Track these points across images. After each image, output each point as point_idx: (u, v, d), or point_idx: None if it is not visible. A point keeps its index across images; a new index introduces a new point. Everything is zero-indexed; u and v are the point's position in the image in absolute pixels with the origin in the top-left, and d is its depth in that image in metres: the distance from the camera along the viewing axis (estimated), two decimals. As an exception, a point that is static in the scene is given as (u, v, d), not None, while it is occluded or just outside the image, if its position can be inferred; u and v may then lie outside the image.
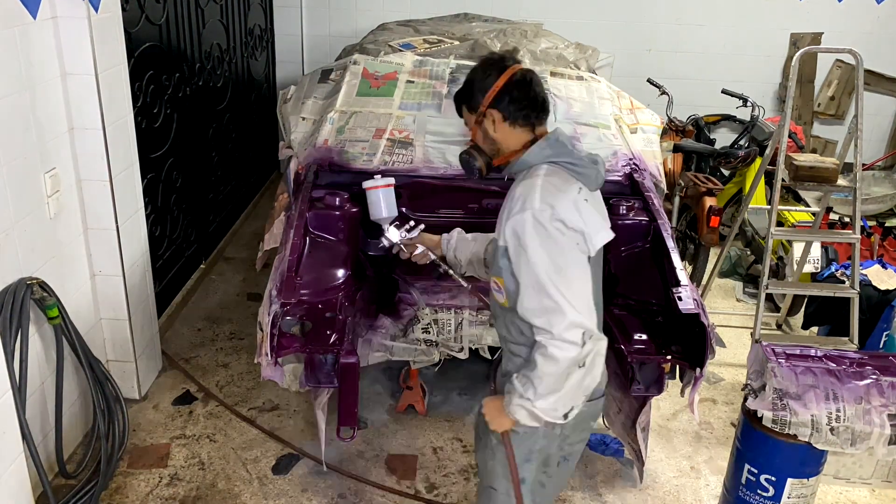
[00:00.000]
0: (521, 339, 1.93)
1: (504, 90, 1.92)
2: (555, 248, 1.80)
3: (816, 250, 4.08)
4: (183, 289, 4.31)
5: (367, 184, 2.58)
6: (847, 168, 3.81)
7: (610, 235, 1.95)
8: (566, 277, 1.79)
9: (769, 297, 4.42)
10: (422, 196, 3.25)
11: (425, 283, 3.15)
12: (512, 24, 4.86)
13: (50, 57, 2.75)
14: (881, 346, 3.71)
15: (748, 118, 4.87)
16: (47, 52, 2.73)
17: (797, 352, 2.63)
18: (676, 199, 4.56)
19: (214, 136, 4.74)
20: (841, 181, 3.63)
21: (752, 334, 3.77)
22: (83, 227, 3.06)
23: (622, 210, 3.02)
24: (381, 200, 2.54)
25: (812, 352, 2.63)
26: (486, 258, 2.29)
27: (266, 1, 5.88)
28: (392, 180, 2.61)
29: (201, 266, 4.61)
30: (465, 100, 2.00)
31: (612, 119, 3.55)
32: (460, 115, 2.05)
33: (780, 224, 4.21)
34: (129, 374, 3.36)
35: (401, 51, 4.13)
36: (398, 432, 3.33)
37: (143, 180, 3.42)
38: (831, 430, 2.45)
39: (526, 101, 1.93)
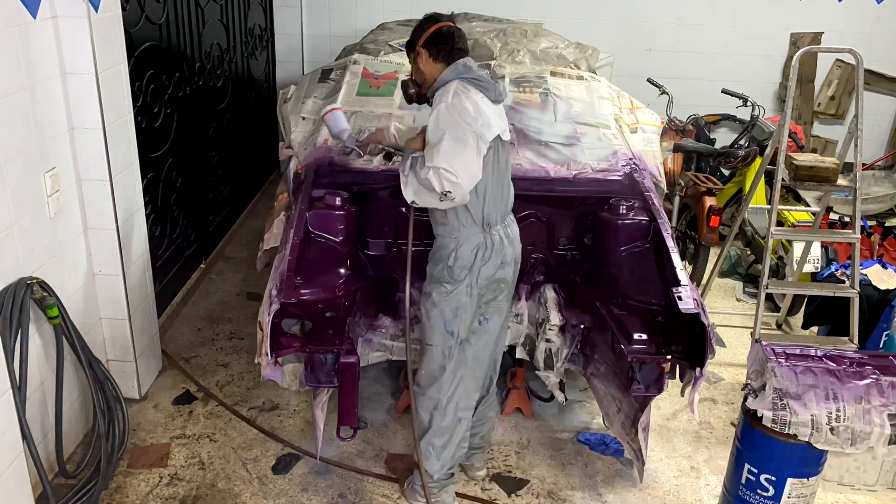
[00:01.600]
0: (441, 220, 2.64)
1: (432, 35, 2.60)
2: (455, 124, 2.45)
3: (816, 250, 4.08)
4: (183, 288, 4.31)
5: (324, 111, 2.97)
6: (847, 168, 3.81)
7: (501, 129, 2.57)
8: (457, 144, 2.43)
9: (769, 297, 4.42)
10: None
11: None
12: (512, 24, 4.86)
13: (50, 56, 2.75)
14: (881, 345, 3.71)
15: (748, 118, 4.87)
16: (47, 51, 2.73)
17: (797, 351, 2.62)
18: (676, 199, 4.56)
19: (214, 136, 4.74)
20: (841, 181, 3.63)
21: (752, 334, 3.77)
22: (83, 226, 3.06)
23: (622, 210, 3.02)
24: (340, 120, 2.96)
25: (812, 352, 2.63)
26: None
27: (266, 0, 5.88)
28: (339, 105, 3.11)
29: (201, 266, 4.61)
30: (408, 45, 2.68)
31: (613, 118, 3.55)
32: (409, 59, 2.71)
33: (780, 224, 4.21)
34: (129, 373, 3.36)
35: (401, 50, 4.13)
36: (398, 432, 3.33)
37: (143, 180, 3.42)
38: (831, 429, 2.45)
39: (445, 44, 2.59)
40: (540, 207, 3.23)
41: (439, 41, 2.60)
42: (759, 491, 2.61)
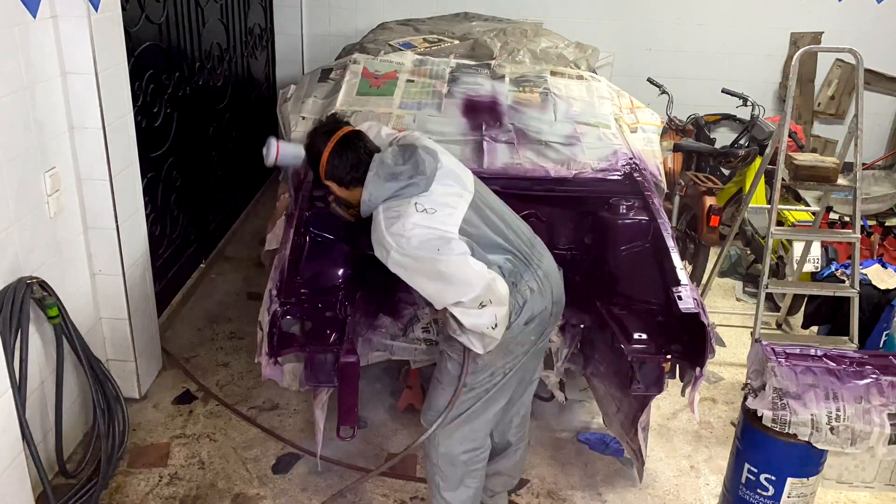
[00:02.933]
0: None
1: (329, 163, 2.28)
2: (428, 265, 2.12)
3: (816, 250, 4.08)
4: (183, 288, 4.31)
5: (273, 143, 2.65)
6: (847, 167, 3.81)
7: (465, 194, 2.26)
8: (447, 276, 2.11)
9: (769, 297, 4.42)
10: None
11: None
12: (512, 24, 4.86)
13: (50, 56, 2.74)
14: (881, 345, 3.71)
15: (748, 117, 4.87)
16: (47, 51, 2.73)
17: (797, 351, 2.62)
18: (676, 199, 4.56)
19: (214, 136, 4.74)
20: (841, 180, 3.63)
21: (751, 334, 3.77)
22: (83, 226, 3.06)
23: (622, 209, 3.02)
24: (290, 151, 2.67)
25: (812, 351, 2.63)
26: None
27: (266, 0, 5.88)
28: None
29: (201, 265, 4.61)
30: (313, 171, 2.35)
31: (613, 118, 3.55)
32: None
33: (780, 223, 4.21)
34: (129, 373, 3.36)
35: (401, 50, 4.13)
36: (398, 432, 3.33)
37: (143, 180, 3.42)
38: (831, 429, 2.45)
39: (350, 167, 2.27)
40: (540, 207, 3.23)
41: (342, 167, 2.27)
42: (759, 490, 2.61)
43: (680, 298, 2.65)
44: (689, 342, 2.69)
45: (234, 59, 5.11)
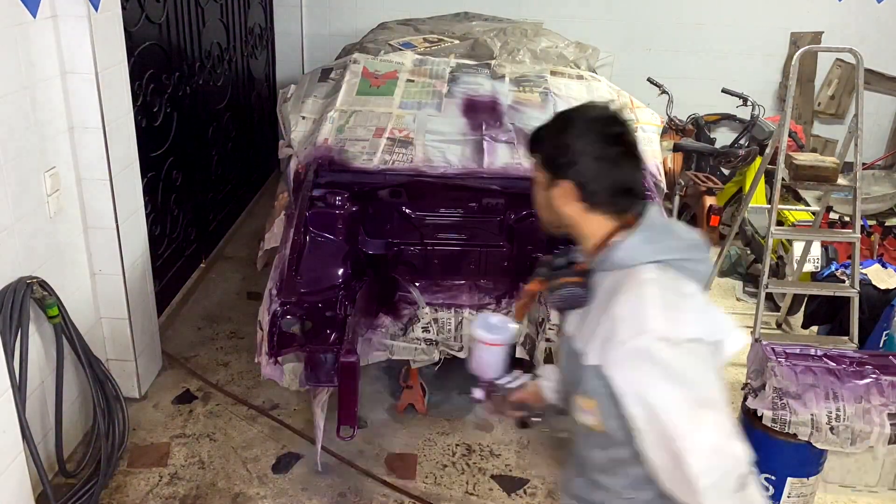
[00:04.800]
0: (618, 473, 1.52)
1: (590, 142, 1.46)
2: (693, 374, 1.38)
3: (816, 249, 4.08)
4: (183, 288, 4.31)
5: (481, 336, 1.89)
6: (847, 167, 3.81)
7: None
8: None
9: (769, 297, 4.41)
10: (422, 195, 3.25)
11: (425, 282, 3.16)
12: (512, 23, 4.86)
13: (50, 56, 2.74)
14: (881, 345, 3.71)
15: (748, 117, 4.87)
16: (47, 51, 2.72)
17: (797, 351, 2.63)
18: (676, 199, 4.56)
19: (214, 136, 4.74)
20: (841, 180, 3.63)
21: (751, 333, 3.77)
22: (83, 225, 3.06)
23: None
24: (493, 359, 1.92)
25: (812, 351, 2.63)
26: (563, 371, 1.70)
27: (266, 0, 5.88)
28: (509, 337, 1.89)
29: (201, 265, 4.60)
30: (549, 162, 1.55)
31: (613, 118, 3.54)
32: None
33: (780, 223, 4.21)
34: (129, 373, 3.36)
35: (401, 50, 4.13)
36: (398, 431, 3.33)
37: (143, 179, 3.42)
38: (831, 429, 2.45)
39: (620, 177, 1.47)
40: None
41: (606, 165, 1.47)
42: (758, 490, 2.61)
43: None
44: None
45: (234, 59, 5.10)
